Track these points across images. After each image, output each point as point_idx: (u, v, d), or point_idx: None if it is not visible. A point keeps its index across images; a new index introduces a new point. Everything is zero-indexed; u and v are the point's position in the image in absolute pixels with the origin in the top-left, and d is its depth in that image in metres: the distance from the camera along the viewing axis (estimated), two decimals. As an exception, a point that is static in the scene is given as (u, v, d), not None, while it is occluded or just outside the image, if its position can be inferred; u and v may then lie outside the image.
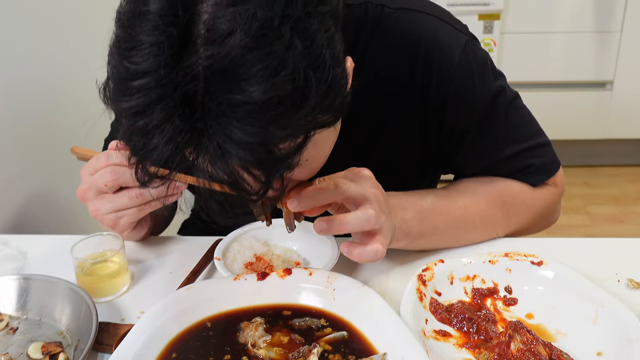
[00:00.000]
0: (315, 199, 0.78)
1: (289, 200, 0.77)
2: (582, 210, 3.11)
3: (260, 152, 0.57)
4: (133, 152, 0.61)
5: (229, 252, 0.94)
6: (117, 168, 0.86)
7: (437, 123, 0.97)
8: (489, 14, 2.99)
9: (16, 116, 1.31)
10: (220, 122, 0.56)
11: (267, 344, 0.75)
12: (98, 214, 0.90)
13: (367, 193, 0.79)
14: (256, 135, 0.56)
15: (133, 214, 0.90)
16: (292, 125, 0.59)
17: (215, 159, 0.57)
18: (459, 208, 0.95)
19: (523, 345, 0.72)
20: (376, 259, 0.80)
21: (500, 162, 1.00)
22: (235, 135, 0.56)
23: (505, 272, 0.88)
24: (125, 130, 0.59)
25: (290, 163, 0.62)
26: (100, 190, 0.88)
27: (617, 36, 3.06)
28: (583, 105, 3.23)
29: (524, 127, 1.02)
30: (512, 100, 0.99)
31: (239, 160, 0.57)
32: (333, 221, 0.78)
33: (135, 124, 0.57)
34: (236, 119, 0.55)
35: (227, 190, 0.63)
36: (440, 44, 0.92)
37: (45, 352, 0.78)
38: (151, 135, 0.57)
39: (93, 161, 0.88)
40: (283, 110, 0.57)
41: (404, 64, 0.93)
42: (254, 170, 0.59)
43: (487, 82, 0.96)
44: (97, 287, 0.89)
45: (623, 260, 0.94)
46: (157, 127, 0.56)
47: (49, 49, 1.44)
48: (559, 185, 1.06)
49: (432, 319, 0.81)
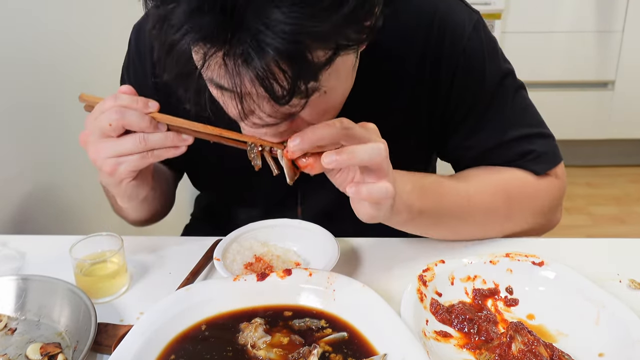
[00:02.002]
0: (318, 135, 0.73)
1: (291, 139, 0.73)
2: (584, 210, 3.11)
3: (295, 45, 0.59)
4: (160, 40, 0.61)
5: (228, 253, 0.93)
6: (123, 108, 0.81)
7: (444, 98, 0.97)
8: (490, 14, 2.99)
9: (15, 116, 1.31)
10: (260, 9, 0.57)
11: (267, 345, 0.75)
12: (98, 157, 0.84)
13: (372, 137, 0.75)
14: (294, 24, 0.58)
15: (135, 161, 0.84)
16: (329, 24, 0.60)
17: (249, 50, 0.58)
18: (461, 195, 0.94)
19: (524, 346, 0.72)
20: (386, 198, 0.76)
21: (504, 145, 1.00)
22: (273, 23, 0.57)
23: (506, 272, 0.88)
24: (157, 17, 0.60)
25: (317, 74, 0.63)
26: (103, 132, 0.83)
27: (618, 36, 3.06)
28: (584, 105, 3.23)
29: (529, 114, 1.03)
30: (519, 87, 1.01)
31: (274, 50, 0.58)
32: (343, 152, 0.73)
33: (168, 8, 0.58)
34: (276, 6, 0.57)
35: (237, 140, 0.66)
36: (453, 19, 0.94)
37: (44, 353, 0.78)
38: (184, 23, 0.58)
39: (100, 104, 0.84)
40: (324, 6, 0.59)
41: (417, 38, 0.94)
42: (285, 65, 0.60)
43: (497, 62, 0.98)
44: (96, 287, 0.89)
45: (625, 260, 0.94)
46: (194, 12, 0.58)
47: (48, 49, 1.44)
48: (561, 179, 1.06)
49: (433, 320, 0.81)
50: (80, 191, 1.48)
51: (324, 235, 0.94)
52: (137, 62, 1.04)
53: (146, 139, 0.82)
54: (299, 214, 1.08)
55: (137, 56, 1.04)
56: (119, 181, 0.87)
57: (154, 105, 0.83)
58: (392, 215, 0.82)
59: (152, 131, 0.82)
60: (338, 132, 0.73)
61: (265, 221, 0.99)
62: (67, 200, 1.47)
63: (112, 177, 0.86)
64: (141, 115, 0.81)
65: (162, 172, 1.11)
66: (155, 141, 0.83)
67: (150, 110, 0.82)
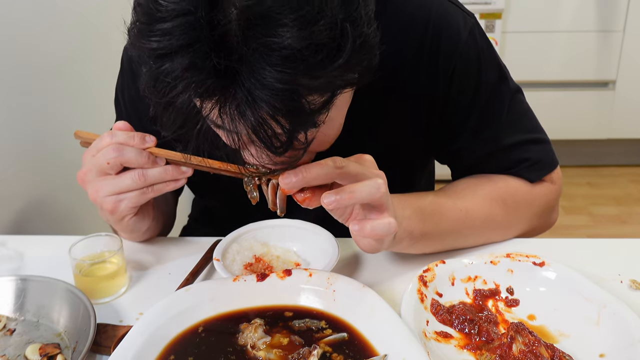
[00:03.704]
0: (312, 174, 0.72)
1: (283, 176, 0.72)
2: (585, 210, 3.11)
3: (290, 100, 0.58)
4: (156, 98, 0.61)
5: (228, 253, 0.93)
6: (120, 146, 0.82)
7: (441, 103, 0.97)
8: (491, 13, 2.99)
9: (14, 116, 1.31)
10: (254, 67, 0.56)
11: (267, 346, 0.74)
12: (98, 196, 0.85)
13: (368, 172, 0.75)
14: (288, 82, 0.57)
15: (134, 197, 0.85)
16: (324, 77, 0.59)
17: (244, 105, 0.58)
18: (459, 211, 0.94)
19: (525, 346, 0.72)
20: (390, 233, 0.76)
21: (499, 151, 1.00)
22: (267, 81, 0.56)
23: (507, 273, 0.87)
24: (151, 74, 0.60)
25: (315, 120, 0.63)
26: (101, 170, 0.84)
27: (619, 35, 3.06)
28: (585, 105, 3.23)
29: (525, 120, 1.02)
30: (516, 92, 1.00)
31: (269, 106, 0.57)
32: (342, 191, 0.72)
33: (163, 67, 0.58)
34: (270, 64, 0.56)
35: (240, 171, 0.66)
36: (448, 22, 0.93)
37: (43, 353, 0.78)
38: (179, 79, 0.57)
39: (96, 142, 0.84)
40: (318, 60, 0.57)
41: (412, 41, 0.93)
42: (281, 119, 0.59)
43: (493, 66, 0.97)
44: (95, 288, 0.89)
45: (626, 261, 0.94)
46: (188, 70, 0.57)
47: (48, 49, 1.44)
48: (556, 183, 1.06)
49: (433, 320, 0.80)
50: (80, 191, 1.47)
51: (324, 236, 0.94)
52: (131, 84, 1.03)
53: (145, 175, 0.83)
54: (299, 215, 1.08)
55: (131, 78, 1.03)
56: (121, 218, 0.89)
57: (151, 139, 0.83)
58: (394, 244, 0.83)
59: (150, 166, 0.83)
60: (332, 172, 0.73)
61: (265, 221, 0.99)
62: (66, 201, 1.47)
63: (113, 215, 0.87)
64: (139, 152, 0.82)
65: (162, 196, 1.10)
66: (154, 176, 0.83)
67: (147, 145, 0.83)
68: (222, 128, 0.64)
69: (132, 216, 0.90)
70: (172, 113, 0.62)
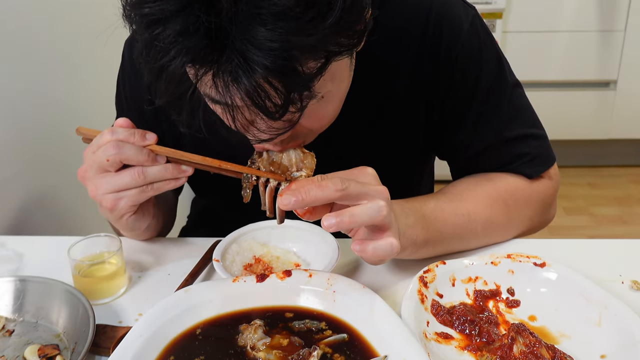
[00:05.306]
0: (311, 196, 0.72)
1: (281, 196, 0.72)
2: (586, 211, 3.10)
3: (282, 59, 0.58)
4: (149, 65, 0.61)
5: (227, 254, 0.93)
6: (120, 143, 0.81)
7: (442, 95, 0.96)
8: (491, 13, 2.98)
9: (13, 117, 1.31)
10: (245, 27, 0.56)
11: (267, 347, 0.74)
12: (97, 193, 0.85)
13: (370, 191, 0.74)
14: (279, 41, 0.57)
15: (134, 195, 0.84)
16: (317, 36, 0.59)
17: (237, 69, 0.58)
18: (462, 216, 0.93)
19: (526, 347, 0.71)
20: (392, 254, 0.75)
21: (499, 144, 0.99)
22: (259, 41, 0.57)
23: (507, 273, 0.87)
24: (144, 42, 0.60)
25: (311, 85, 0.63)
26: (101, 167, 0.83)
27: (620, 35, 3.05)
28: (586, 105, 3.22)
29: (525, 114, 1.02)
30: (516, 85, 1.01)
31: (261, 67, 0.57)
32: (342, 214, 0.71)
33: (155, 32, 0.58)
34: (260, 23, 0.56)
35: (240, 171, 0.65)
36: (451, 10, 0.94)
37: (42, 354, 0.77)
38: (172, 46, 0.58)
39: (97, 139, 0.83)
40: (309, 18, 0.58)
41: (414, 31, 0.93)
42: (274, 81, 0.59)
43: (494, 58, 0.97)
44: (94, 289, 0.89)
45: (627, 261, 0.94)
46: (180, 34, 0.57)
47: (47, 49, 1.43)
48: (554, 179, 1.06)
49: (434, 321, 0.80)
50: (79, 191, 1.47)
51: (324, 236, 0.94)
52: (133, 79, 1.03)
53: (145, 173, 0.82)
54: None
55: (132, 72, 1.03)
56: (120, 216, 0.88)
57: (151, 137, 0.83)
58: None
59: (150, 164, 0.82)
60: (332, 195, 0.72)
61: (265, 222, 0.99)
62: (65, 201, 1.47)
63: (112, 213, 0.87)
64: (139, 149, 0.81)
65: (162, 194, 1.10)
66: (154, 174, 0.83)
67: (148, 142, 0.82)
68: (218, 102, 0.65)
69: (131, 214, 0.90)
70: (165, 79, 0.62)
